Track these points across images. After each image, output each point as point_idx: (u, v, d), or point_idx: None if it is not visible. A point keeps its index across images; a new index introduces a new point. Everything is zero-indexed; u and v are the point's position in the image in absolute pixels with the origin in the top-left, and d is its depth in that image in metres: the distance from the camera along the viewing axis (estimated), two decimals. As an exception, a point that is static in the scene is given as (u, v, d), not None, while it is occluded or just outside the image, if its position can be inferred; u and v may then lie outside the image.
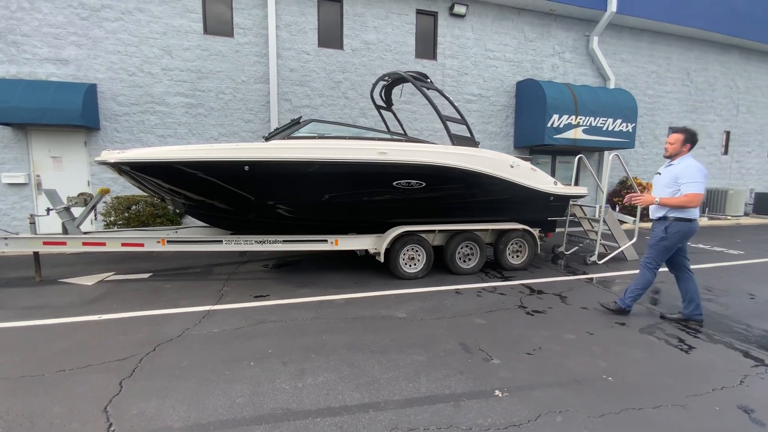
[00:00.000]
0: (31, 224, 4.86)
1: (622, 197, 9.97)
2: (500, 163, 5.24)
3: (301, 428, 2.10)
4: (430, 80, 6.04)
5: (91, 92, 7.36)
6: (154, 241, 4.78)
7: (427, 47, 9.61)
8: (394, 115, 7.15)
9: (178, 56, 7.97)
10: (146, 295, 4.41)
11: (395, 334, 3.37)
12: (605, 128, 9.92)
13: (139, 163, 4.21)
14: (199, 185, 4.43)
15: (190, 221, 7.39)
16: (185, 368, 2.75)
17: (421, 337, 3.31)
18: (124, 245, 4.76)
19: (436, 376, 2.66)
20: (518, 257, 5.68)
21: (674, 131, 3.61)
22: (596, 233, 6.23)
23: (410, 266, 5.14)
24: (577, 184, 7.15)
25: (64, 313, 3.82)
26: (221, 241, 4.84)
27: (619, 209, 9.32)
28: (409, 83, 6.02)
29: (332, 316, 3.79)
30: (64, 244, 4.75)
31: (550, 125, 9.34)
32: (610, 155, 7.16)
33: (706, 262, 6.29)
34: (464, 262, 5.37)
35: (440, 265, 5.34)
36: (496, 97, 10.28)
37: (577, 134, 9.63)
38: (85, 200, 5.13)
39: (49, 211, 4.97)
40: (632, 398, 2.42)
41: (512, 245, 5.61)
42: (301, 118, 5.39)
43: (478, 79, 10.04)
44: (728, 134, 13.21)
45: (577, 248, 6.86)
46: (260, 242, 4.86)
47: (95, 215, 7.08)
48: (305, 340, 3.23)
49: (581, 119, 9.59)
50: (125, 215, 7.31)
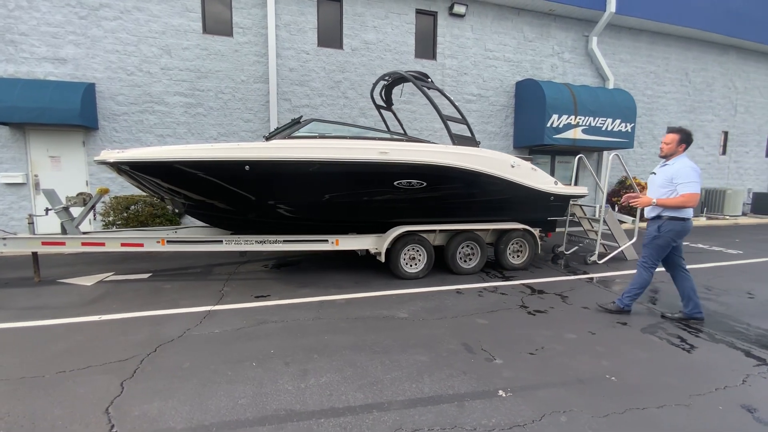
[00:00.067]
0: (29, 224, 4.82)
1: (621, 197, 9.98)
2: (501, 162, 5.24)
3: (304, 429, 2.09)
4: (430, 80, 6.04)
5: (89, 92, 7.32)
6: (153, 241, 4.76)
7: (426, 47, 9.61)
8: (394, 114, 7.14)
9: (177, 55, 7.94)
10: (146, 295, 4.39)
11: (397, 334, 3.36)
12: (604, 128, 9.94)
13: (138, 162, 4.20)
14: (199, 185, 4.42)
15: (189, 221, 7.37)
16: (187, 369, 2.73)
17: (423, 337, 3.30)
18: (123, 245, 4.74)
19: (439, 376, 2.66)
20: (519, 257, 5.68)
21: (670, 131, 3.62)
22: (596, 233, 6.24)
23: (411, 266, 5.13)
24: (576, 184, 7.17)
25: (63, 313, 3.80)
26: (221, 241, 4.82)
27: (618, 209, 9.34)
28: (409, 83, 6.02)
29: (334, 316, 3.78)
30: (63, 244, 4.73)
31: (549, 125, 9.35)
32: (609, 155, 7.17)
33: (705, 261, 6.31)
34: (465, 262, 5.37)
35: (441, 265, 5.33)
36: (495, 97, 10.28)
37: (576, 134, 9.65)
38: (83, 200, 5.09)
39: (47, 211, 4.94)
40: (636, 398, 2.42)
41: (513, 245, 5.61)
42: (301, 117, 5.38)
43: (477, 79, 10.04)
44: (726, 134, 13.26)
45: (577, 248, 6.86)
46: (260, 242, 4.85)
47: (94, 215, 7.05)
48: (307, 340, 3.22)
49: (580, 119, 9.61)
50: (124, 215, 7.28)
